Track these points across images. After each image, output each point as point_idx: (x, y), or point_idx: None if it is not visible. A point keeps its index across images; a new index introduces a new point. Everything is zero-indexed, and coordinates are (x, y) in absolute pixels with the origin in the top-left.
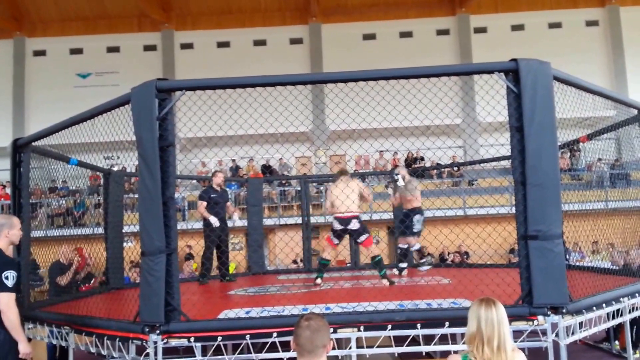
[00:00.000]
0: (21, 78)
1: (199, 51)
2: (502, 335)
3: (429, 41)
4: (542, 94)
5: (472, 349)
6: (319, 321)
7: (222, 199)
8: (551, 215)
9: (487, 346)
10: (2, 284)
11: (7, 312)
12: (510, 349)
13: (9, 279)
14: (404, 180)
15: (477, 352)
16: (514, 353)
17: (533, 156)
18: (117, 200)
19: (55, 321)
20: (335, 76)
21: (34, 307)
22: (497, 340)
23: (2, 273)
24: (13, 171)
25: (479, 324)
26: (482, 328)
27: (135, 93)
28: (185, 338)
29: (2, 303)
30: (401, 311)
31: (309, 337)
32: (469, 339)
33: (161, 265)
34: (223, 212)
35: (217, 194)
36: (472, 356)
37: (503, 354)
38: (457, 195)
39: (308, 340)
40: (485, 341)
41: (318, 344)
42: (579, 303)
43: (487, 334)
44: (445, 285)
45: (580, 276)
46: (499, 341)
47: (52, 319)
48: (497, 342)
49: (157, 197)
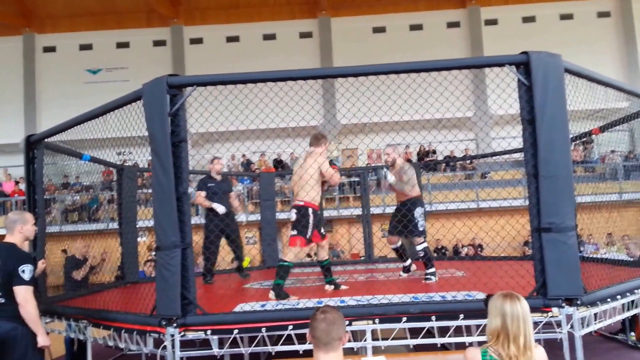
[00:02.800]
0: (32, 74)
1: (208, 46)
2: (528, 333)
3: (440, 34)
4: (553, 87)
5: (493, 345)
6: (334, 314)
7: (221, 189)
8: (564, 207)
9: (513, 343)
10: (20, 277)
11: (26, 305)
12: (534, 346)
13: (26, 272)
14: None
15: (502, 349)
16: (536, 349)
17: (545, 148)
18: (130, 195)
19: (73, 315)
20: (346, 70)
21: (51, 301)
22: (523, 338)
23: (18, 267)
24: (27, 167)
25: (504, 320)
26: (508, 324)
27: (147, 89)
28: (202, 331)
29: (20, 296)
30: (416, 304)
31: (325, 330)
32: (491, 335)
33: (177, 260)
34: (225, 203)
35: (215, 183)
36: (492, 352)
37: (529, 352)
38: (470, 188)
39: (324, 333)
40: (512, 338)
41: (334, 336)
42: (593, 295)
43: (514, 331)
44: (459, 278)
45: (594, 268)
46: (525, 339)
47: (70, 312)
48: (523, 339)
49: (171, 192)
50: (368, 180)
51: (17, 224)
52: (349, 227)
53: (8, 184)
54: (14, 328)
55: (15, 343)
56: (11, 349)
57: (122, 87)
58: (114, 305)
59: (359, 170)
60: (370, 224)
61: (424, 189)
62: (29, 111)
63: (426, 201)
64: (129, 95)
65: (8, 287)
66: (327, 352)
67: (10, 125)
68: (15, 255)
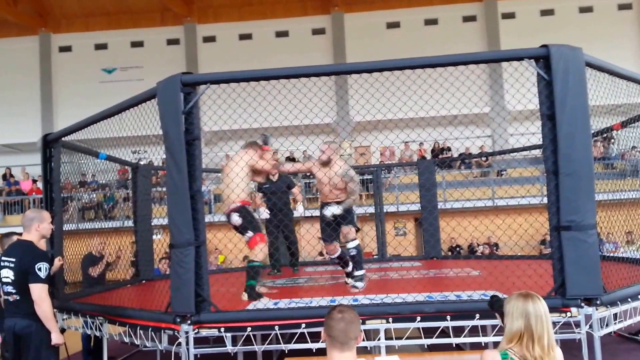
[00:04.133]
0: (48, 74)
1: (221, 44)
2: (551, 332)
3: (455, 28)
4: (574, 81)
5: (514, 347)
6: (351, 313)
7: (279, 189)
8: (585, 205)
9: (537, 344)
10: (36, 275)
11: (41, 303)
12: (556, 346)
13: (42, 270)
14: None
15: (526, 351)
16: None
17: (565, 145)
18: (145, 193)
19: (89, 312)
20: (360, 66)
21: (68, 298)
22: (547, 338)
23: (35, 265)
24: (44, 166)
25: (528, 320)
26: (533, 325)
27: (161, 88)
28: (216, 328)
29: (35, 294)
30: (430, 303)
31: (343, 329)
32: (512, 337)
33: (190, 258)
34: (280, 202)
35: (272, 183)
36: (513, 354)
37: (552, 352)
38: (487, 185)
39: (342, 332)
40: (536, 339)
41: (351, 335)
42: (613, 294)
43: (538, 331)
44: (475, 277)
45: (614, 267)
46: (549, 338)
47: (87, 309)
48: (547, 339)
49: (185, 190)
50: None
51: (34, 222)
52: (362, 225)
53: (26, 183)
54: (28, 325)
55: (29, 340)
56: (26, 345)
57: (136, 86)
58: (129, 302)
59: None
60: (384, 222)
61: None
62: (45, 110)
63: (440, 199)
64: (143, 93)
65: (24, 284)
66: (342, 351)
67: (28, 125)
68: (31, 254)
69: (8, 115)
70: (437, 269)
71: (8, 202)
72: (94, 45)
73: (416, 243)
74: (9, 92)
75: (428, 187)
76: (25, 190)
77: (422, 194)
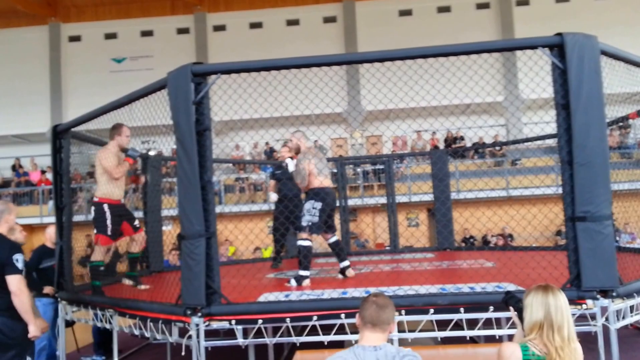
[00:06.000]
0: (57, 64)
1: (231, 33)
2: (571, 324)
3: (468, 16)
4: (589, 70)
5: (535, 338)
6: (385, 299)
7: (285, 175)
8: (600, 195)
9: (558, 334)
10: (14, 266)
11: (20, 294)
12: (576, 339)
13: (19, 261)
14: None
15: (547, 340)
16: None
17: (580, 134)
18: (155, 184)
19: (99, 304)
20: (371, 55)
21: (77, 290)
22: (567, 329)
23: (12, 256)
24: (54, 157)
25: (548, 311)
26: (552, 315)
27: (172, 78)
28: (227, 321)
29: (14, 285)
30: (444, 295)
31: (375, 312)
32: (532, 327)
33: (201, 249)
34: (286, 189)
35: (282, 170)
36: (533, 346)
37: (572, 343)
38: (501, 175)
39: (374, 315)
40: (556, 329)
41: (383, 319)
42: (629, 286)
43: (558, 321)
44: (489, 269)
45: (631, 258)
46: (569, 329)
47: (96, 301)
48: (567, 330)
49: (196, 181)
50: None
51: (4, 214)
52: (373, 216)
53: (35, 174)
54: (3, 323)
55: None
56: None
57: (146, 75)
58: (139, 294)
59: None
60: (396, 212)
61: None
62: (55, 101)
63: (453, 189)
64: (154, 84)
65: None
66: (373, 331)
67: (37, 115)
68: (6, 245)
69: (17, 106)
70: (450, 261)
71: (17, 193)
72: (104, 34)
73: (429, 234)
74: (18, 82)
75: (441, 177)
76: (34, 181)
77: (434, 184)
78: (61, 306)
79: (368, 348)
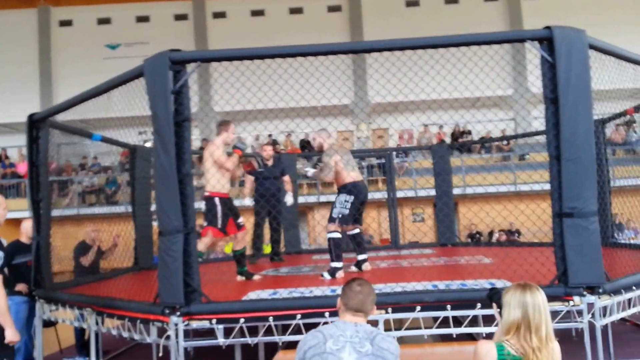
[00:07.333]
0: (47, 50)
1: (232, 20)
2: (549, 324)
3: (477, 8)
4: (577, 64)
5: (510, 339)
6: (369, 287)
7: (271, 174)
8: (587, 191)
9: (535, 335)
10: None
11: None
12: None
13: (1, 259)
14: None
15: (524, 341)
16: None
17: (568, 129)
18: (143, 177)
19: (77, 303)
20: (377, 44)
21: (55, 288)
22: (545, 329)
23: None
24: (29, 148)
25: (526, 310)
26: (530, 315)
27: (148, 65)
28: (207, 320)
29: None
30: (431, 292)
31: (361, 301)
32: (509, 327)
33: (178, 245)
34: (274, 187)
35: (266, 168)
36: (510, 346)
37: (550, 343)
38: (509, 170)
39: (359, 304)
40: (534, 329)
41: (367, 307)
42: (617, 282)
43: (536, 321)
44: (486, 265)
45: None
46: (547, 329)
47: (75, 300)
48: (545, 330)
49: (173, 174)
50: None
51: None
52: (379, 211)
53: (22, 165)
54: None
55: None
56: None
57: None
58: (120, 293)
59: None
60: (396, 208)
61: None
62: (44, 88)
63: (460, 184)
64: (130, 71)
65: None
66: (355, 316)
67: (25, 104)
68: None
69: (4, 93)
70: (448, 257)
71: (3, 186)
72: (97, 19)
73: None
74: (5, 68)
75: (438, 172)
76: (21, 173)
77: (435, 180)
78: (38, 305)
79: (349, 323)
